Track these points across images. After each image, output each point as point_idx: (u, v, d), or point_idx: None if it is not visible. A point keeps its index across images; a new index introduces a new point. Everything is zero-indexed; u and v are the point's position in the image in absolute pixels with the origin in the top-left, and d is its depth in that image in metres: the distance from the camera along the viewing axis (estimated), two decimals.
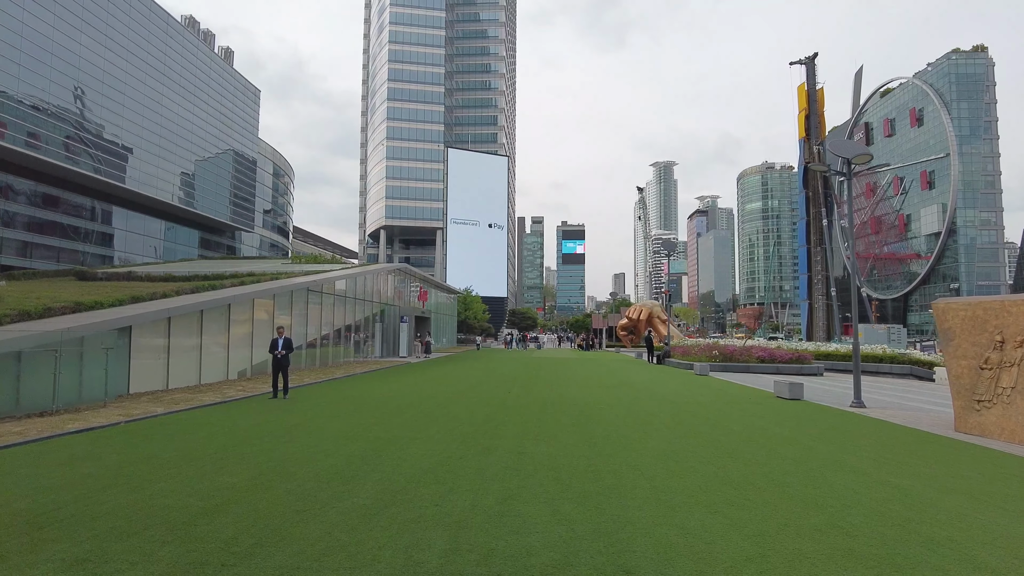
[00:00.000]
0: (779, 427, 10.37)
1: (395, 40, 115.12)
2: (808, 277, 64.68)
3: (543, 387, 17.29)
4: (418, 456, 7.45)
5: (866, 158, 13.38)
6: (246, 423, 10.06)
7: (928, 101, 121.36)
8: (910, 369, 26.28)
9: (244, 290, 19.39)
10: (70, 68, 48.76)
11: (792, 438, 9.23)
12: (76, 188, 52.27)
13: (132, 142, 55.49)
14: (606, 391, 16.39)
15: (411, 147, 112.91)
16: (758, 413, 12.25)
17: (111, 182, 52.65)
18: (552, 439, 8.73)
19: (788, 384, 15.04)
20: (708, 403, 13.92)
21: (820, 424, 10.82)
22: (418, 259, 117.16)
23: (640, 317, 56.25)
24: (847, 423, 11.09)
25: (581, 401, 13.86)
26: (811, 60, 65.54)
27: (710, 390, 17.23)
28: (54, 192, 50.58)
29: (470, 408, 12.28)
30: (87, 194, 53.65)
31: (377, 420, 10.52)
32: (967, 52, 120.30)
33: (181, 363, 16.25)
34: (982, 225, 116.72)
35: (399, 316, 36.12)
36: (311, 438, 8.66)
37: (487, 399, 14.01)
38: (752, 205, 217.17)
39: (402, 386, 17.28)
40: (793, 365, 26.17)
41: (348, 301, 28.72)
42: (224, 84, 67.14)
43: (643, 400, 14.32)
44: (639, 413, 11.88)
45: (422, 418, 10.77)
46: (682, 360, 28.92)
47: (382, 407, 12.39)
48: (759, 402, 14.37)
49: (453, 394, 15.10)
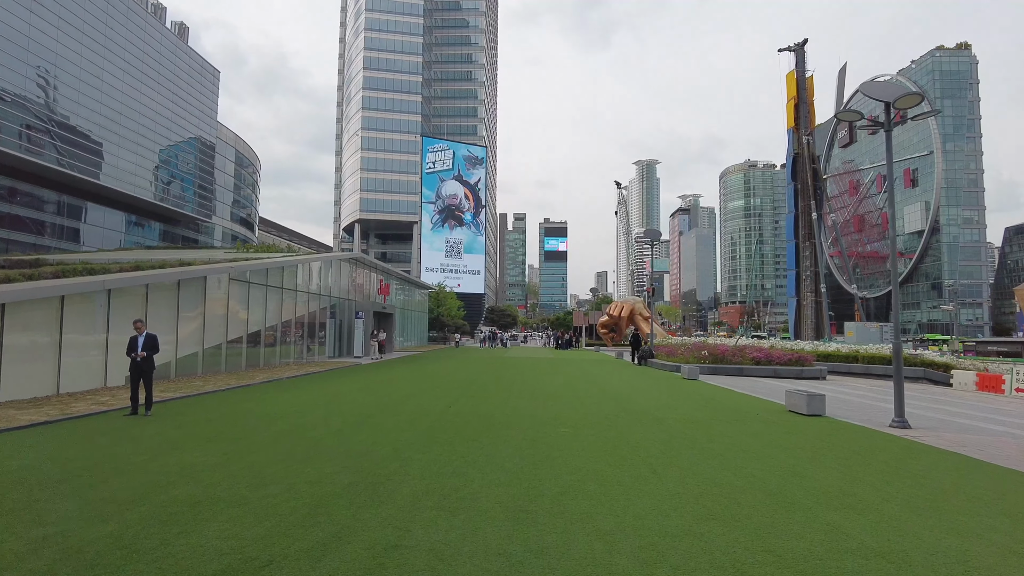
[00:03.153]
0: (819, 469, 7.01)
1: (371, 27, 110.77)
2: (796, 273, 62.11)
3: (496, 398, 13.83)
4: (209, 546, 3.99)
5: (915, 100, 10.14)
6: (19, 462, 6.42)
7: None
8: (924, 372, 23.28)
9: (127, 277, 15.62)
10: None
11: (848, 493, 5.86)
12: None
13: (66, 118, 50.22)
14: (573, 405, 12.97)
15: (387, 138, 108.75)
16: (778, 441, 8.91)
17: (32, 159, 46.62)
18: (469, 504, 5.28)
19: (806, 397, 11.75)
20: (707, 423, 10.56)
21: (874, 464, 7.48)
22: (395, 254, 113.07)
23: (622, 314, 53.12)
24: (911, 460, 7.76)
25: (537, 420, 10.43)
26: (800, 47, 62.95)
27: (705, 401, 13.92)
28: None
29: (383, 433, 8.79)
30: (14, 176, 48.39)
31: (228, 457, 6.98)
32: (951, 49, 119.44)
33: (23, 367, 12.48)
34: (965, 223, 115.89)
35: (355, 312, 32.44)
36: (88, 495, 5.13)
37: (415, 417, 10.52)
38: (735, 203, 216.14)
39: (317, 397, 13.69)
40: (792, 367, 23.06)
41: (289, 293, 24.99)
42: (177, 62, 62.13)
43: (620, 419, 10.92)
44: (613, 444, 8.46)
45: (298, 452, 7.26)
46: (667, 361, 25.67)
47: (260, 431, 8.85)
48: (772, 420, 11.04)
49: (375, 409, 11.58)
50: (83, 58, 51.74)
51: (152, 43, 58.65)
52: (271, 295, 23.34)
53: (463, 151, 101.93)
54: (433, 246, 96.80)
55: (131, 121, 57.35)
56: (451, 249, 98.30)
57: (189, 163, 67.04)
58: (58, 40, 49.27)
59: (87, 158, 52.69)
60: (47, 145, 49.15)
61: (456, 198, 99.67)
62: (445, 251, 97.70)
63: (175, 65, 62.54)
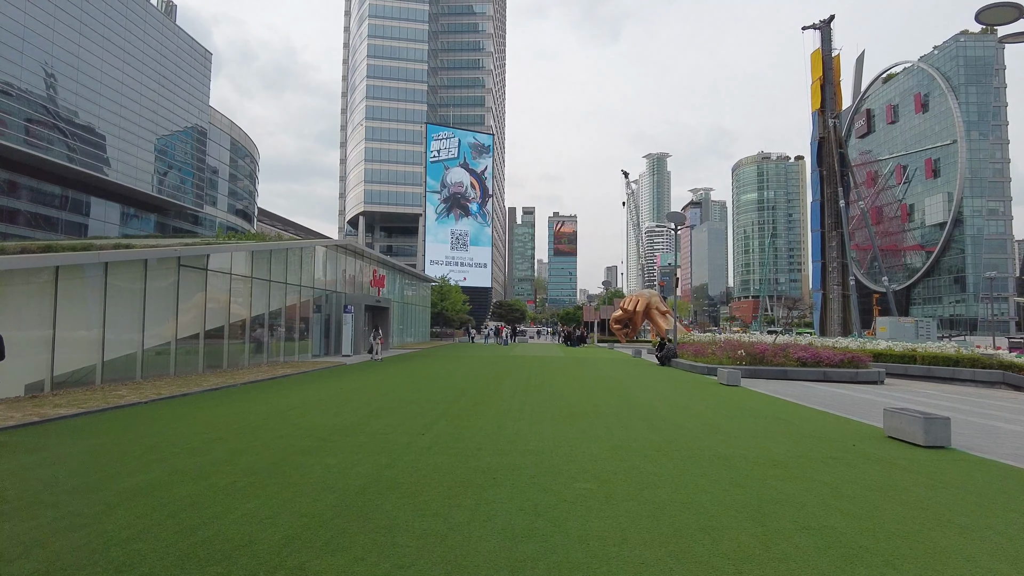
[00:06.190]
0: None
1: (375, 15, 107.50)
2: (822, 265, 58.43)
3: (488, 418, 10.50)
4: None
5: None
6: None
7: (934, 86, 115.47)
8: (1002, 376, 19.71)
9: (18, 258, 12.38)
10: None
11: None
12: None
13: (66, 109, 47.52)
14: (595, 430, 9.62)
15: (392, 127, 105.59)
16: (925, 503, 5.53)
17: (15, 147, 43.98)
18: None
19: (922, 420, 8.33)
20: (795, 465, 7.17)
21: None
22: (401, 247, 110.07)
23: (636, 308, 49.63)
24: None
25: (544, 460, 7.09)
26: (827, 24, 59.04)
27: (768, 421, 10.54)
28: None
29: (292, 495, 5.49)
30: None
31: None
32: (976, 34, 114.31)
33: None
34: (990, 215, 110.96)
35: (343, 305, 29.22)
36: None
37: (361, 458, 7.21)
38: (747, 196, 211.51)
39: (253, 415, 10.35)
40: (846, 370, 19.60)
41: (262, 284, 21.75)
42: (164, 43, 58.84)
43: (666, 460, 7.55)
44: (669, 519, 5.11)
45: (94, 549, 4.02)
46: (696, 362, 22.22)
47: (101, 489, 5.61)
48: (884, 458, 7.62)
49: (316, 438, 8.22)
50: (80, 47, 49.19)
51: (138, 22, 55.47)
52: (238, 285, 20.12)
53: (469, 139, 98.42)
54: (438, 238, 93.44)
55: (124, 109, 54.47)
56: (456, 241, 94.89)
57: (181, 151, 64.01)
58: (54, 29, 46.63)
59: (88, 151, 50.20)
60: (55, 141, 46.92)
61: (462, 186, 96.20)
62: (450, 243, 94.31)
63: (164, 47, 59.36)
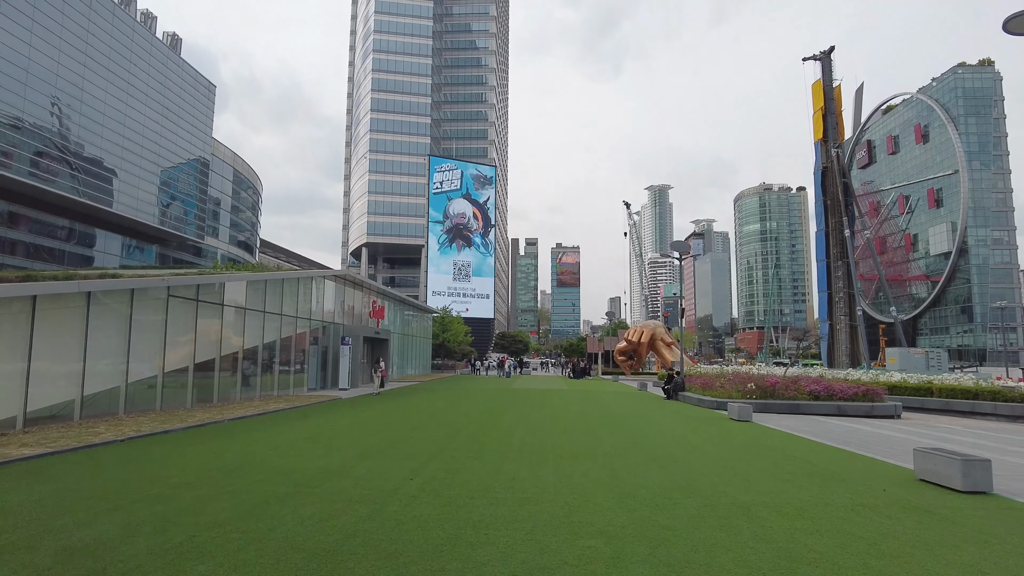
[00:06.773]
0: None
1: (380, 49, 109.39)
2: (828, 295, 57.68)
3: (486, 460, 9.72)
4: None
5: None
6: None
7: (934, 117, 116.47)
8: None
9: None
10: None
11: None
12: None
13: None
14: (601, 474, 8.85)
15: (396, 159, 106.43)
16: (976, 564, 4.78)
17: (15, 178, 43.59)
18: None
19: (960, 463, 7.58)
20: (823, 516, 6.39)
21: None
22: (403, 278, 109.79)
23: (641, 340, 48.81)
24: None
25: (543, 510, 6.33)
26: (827, 55, 59.49)
27: (785, 462, 9.75)
28: None
29: (256, 559, 4.81)
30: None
31: None
32: (973, 66, 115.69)
33: None
34: (995, 244, 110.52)
35: (341, 337, 28.56)
36: None
37: (340, 508, 6.46)
38: (750, 227, 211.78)
39: (231, 455, 9.60)
40: (861, 404, 18.76)
41: (255, 315, 21.15)
42: (168, 75, 59.49)
43: (679, 511, 6.78)
44: None
45: None
46: (704, 395, 21.39)
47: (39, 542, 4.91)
48: (921, 507, 6.84)
49: (294, 483, 7.49)
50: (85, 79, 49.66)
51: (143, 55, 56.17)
52: (231, 316, 19.53)
53: (471, 170, 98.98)
54: (440, 269, 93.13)
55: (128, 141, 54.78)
56: (459, 272, 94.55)
57: (184, 183, 64.25)
58: (59, 62, 47.09)
59: (92, 183, 50.36)
60: (61, 173, 47.08)
61: (464, 216, 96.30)
62: (453, 274, 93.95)
63: (169, 80, 60.05)
